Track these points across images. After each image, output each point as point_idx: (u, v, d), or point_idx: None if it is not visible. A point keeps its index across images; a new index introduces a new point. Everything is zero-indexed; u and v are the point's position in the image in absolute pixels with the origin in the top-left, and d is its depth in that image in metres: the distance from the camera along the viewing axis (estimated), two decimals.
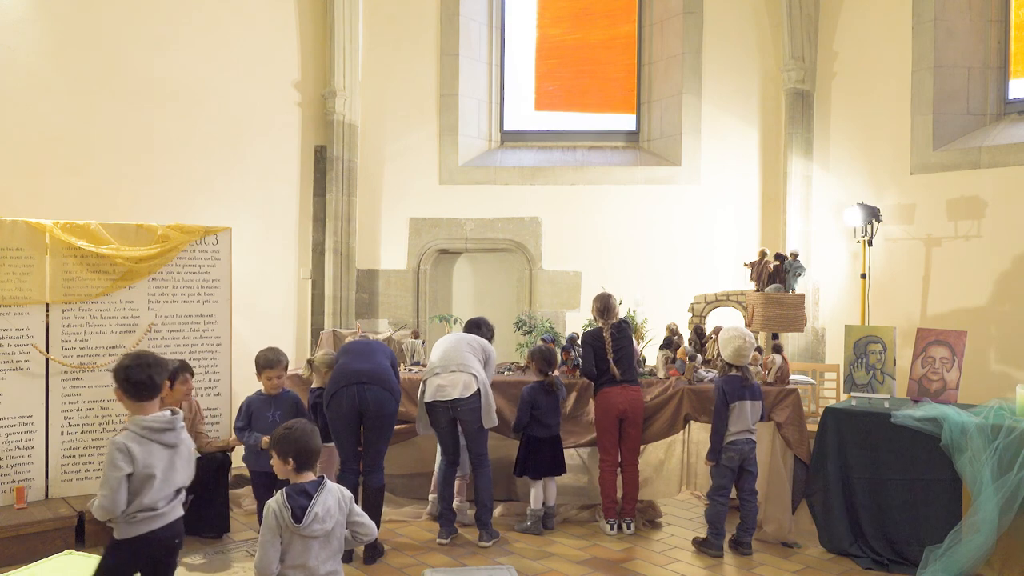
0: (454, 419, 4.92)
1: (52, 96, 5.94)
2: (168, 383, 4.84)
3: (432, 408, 4.92)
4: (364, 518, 3.16)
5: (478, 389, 4.85)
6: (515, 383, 5.45)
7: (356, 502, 4.38)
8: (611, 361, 5.08)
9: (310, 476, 3.07)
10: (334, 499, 3.04)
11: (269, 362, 4.70)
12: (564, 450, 5.28)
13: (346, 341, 5.40)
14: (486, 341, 5.25)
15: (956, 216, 6.39)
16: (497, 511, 5.43)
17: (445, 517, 4.97)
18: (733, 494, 4.86)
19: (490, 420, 4.92)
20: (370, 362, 4.67)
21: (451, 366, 4.91)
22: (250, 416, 4.68)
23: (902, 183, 6.69)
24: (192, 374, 4.98)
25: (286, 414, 4.59)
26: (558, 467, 5.21)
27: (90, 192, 6.01)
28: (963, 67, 6.57)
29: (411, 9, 7.51)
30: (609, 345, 5.11)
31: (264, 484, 4.45)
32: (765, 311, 5.70)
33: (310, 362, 5.11)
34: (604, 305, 5.24)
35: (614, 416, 5.06)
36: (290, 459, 3.03)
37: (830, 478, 4.75)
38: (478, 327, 5.43)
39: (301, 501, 2.96)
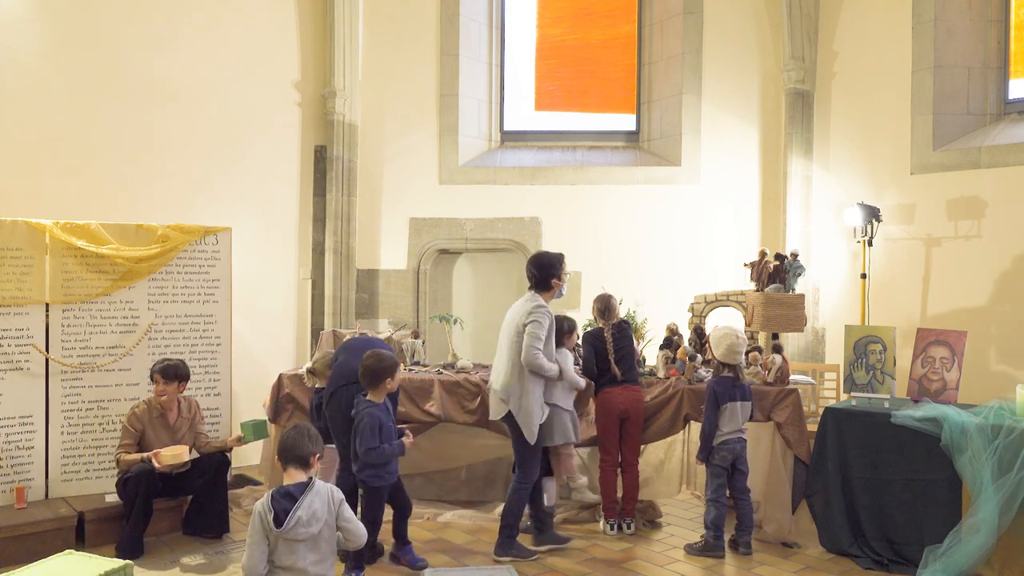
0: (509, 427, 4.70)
1: (52, 96, 5.94)
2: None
3: None
4: (353, 524, 3.12)
5: (509, 411, 4.56)
6: None
7: (356, 501, 4.42)
8: (612, 361, 5.07)
9: (300, 477, 3.06)
10: (322, 502, 3.02)
11: (395, 361, 4.33)
12: None
13: (345, 338, 5.38)
14: (533, 307, 4.58)
15: (956, 216, 6.39)
16: (497, 510, 5.43)
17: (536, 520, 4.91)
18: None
19: (530, 434, 4.54)
20: None
21: (493, 382, 4.72)
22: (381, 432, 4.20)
23: (902, 183, 6.68)
24: (166, 377, 4.83)
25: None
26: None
27: (90, 192, 6.01)
28: (963, 67, 6.57)
29: (411, 9, 7.51)
30: (610, 345, 5.10)
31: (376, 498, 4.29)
32: (765, 311, 5.70)
33: (311, 372, 5.08)
34: (605, 305, 5.23)
35: (615, 416, 5.06)
36: (277, 456, 3.07)
37: (830, 478, 4.75)
38: (540, 269, 4.70)
39: (285, 504, 2.96)
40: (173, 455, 4.67)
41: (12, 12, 5.80)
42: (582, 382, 4.96)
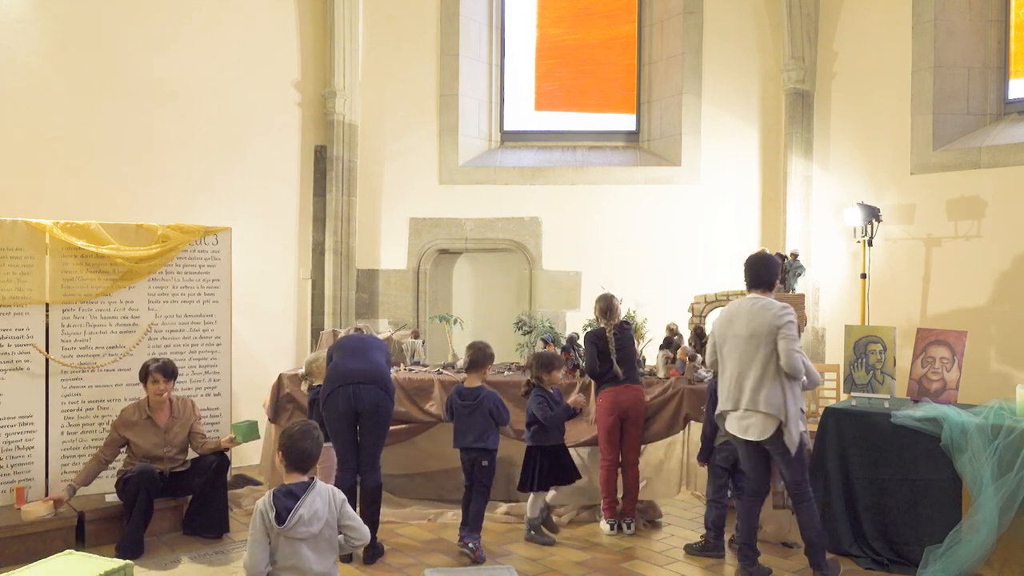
0: (756, 448, 4.27)
1: (52, 96, 5.94)
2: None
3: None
4: (356, 522, 3.12)
5: (778, 427, 4.06)
6: (515, 383, 5.44)
7: (354, 501, 4.42)
8: (614, 361, 5.08)
9: (301, 477, 3.06)
10: (323, 501, 3.02)
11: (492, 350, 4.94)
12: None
13: (340, 335, 5.36)
14: (779, 309, 4.12)
15: (956, 216, 6.39)
16: (500, 510, 5.42)
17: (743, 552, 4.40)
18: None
19: (791, 443, 4.06)
20: (365, 360, 4.65)
21: (744, 401, 4.13)
22: None
23: (902, 183, 6.69)
24: (166, 375, 4.85)
25: None
26: (564, 477, 4.99)
27: (90, 192, 6.01)
28: (963, 67, 6.57)
29: (411, 9, 7.51)
30: (612, 345, 5.10)
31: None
32: None
33: (307, 375, 5.08)
34: (607, 306, 5.24)
35: (616, 415, 5.06)
36: (282, 456, 3.06)
37: (830, 478, 4.75)
38: (770, 270, 4.36)
39: (287, 502, 2.96)
40: (27, 512, 4.51)
41: (12, 12, 5.80)
42: (819, 377, 4.50)
